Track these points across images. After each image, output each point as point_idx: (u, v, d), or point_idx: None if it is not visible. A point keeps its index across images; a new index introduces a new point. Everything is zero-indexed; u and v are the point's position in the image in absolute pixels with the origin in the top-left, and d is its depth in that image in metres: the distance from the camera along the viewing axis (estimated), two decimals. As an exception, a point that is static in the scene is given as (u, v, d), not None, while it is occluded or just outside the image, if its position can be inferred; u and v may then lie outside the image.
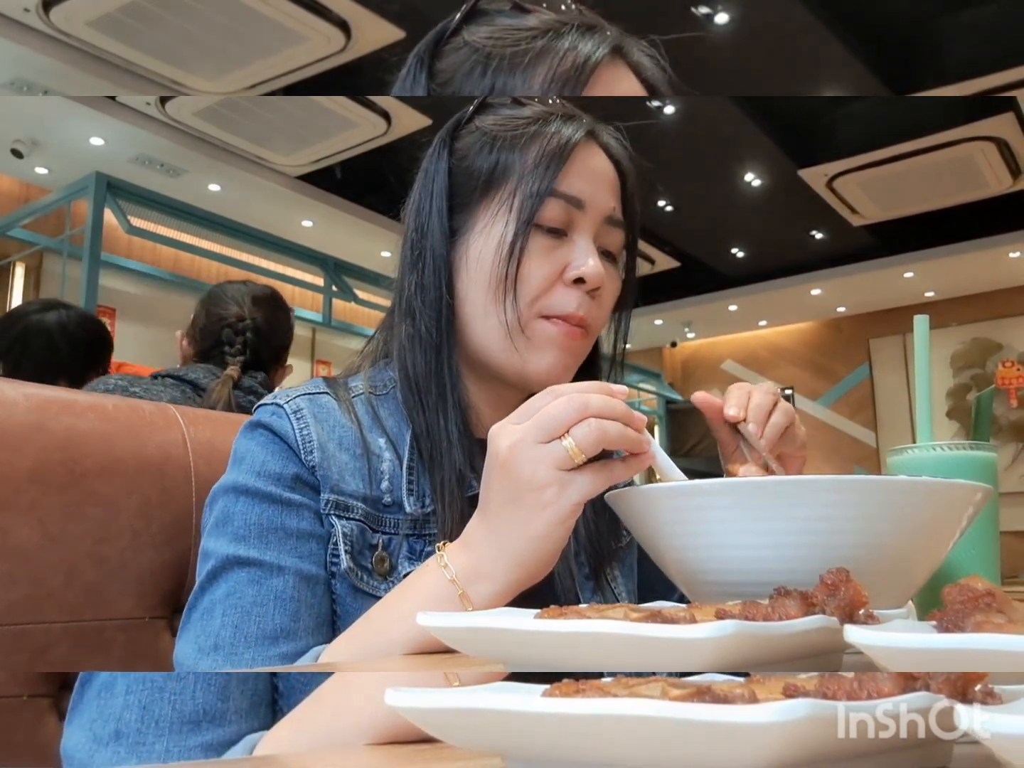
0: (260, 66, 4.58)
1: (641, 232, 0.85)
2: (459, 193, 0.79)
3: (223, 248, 5.80)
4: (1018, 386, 7.88)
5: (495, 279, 0.75)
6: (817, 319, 9.05)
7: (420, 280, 0.79)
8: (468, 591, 0.61)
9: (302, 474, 0.72)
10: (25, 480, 0.77)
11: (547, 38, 0.81)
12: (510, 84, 0.81)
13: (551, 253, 0.76)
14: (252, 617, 0.65)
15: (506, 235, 0.75)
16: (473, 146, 0.79)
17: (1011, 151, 5.60)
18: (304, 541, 0.70)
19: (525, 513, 0.59)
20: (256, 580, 0.67)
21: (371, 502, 0.73)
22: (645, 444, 0.62)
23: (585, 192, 0.76)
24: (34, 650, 0.77)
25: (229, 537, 0.69)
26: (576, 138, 0.76)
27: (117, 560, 0.82)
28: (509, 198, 0.76)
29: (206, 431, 0.92)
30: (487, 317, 0.76)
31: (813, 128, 5.57)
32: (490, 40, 0.82)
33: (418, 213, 0.81)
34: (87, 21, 4.19)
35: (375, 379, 0.82)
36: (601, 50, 0.80)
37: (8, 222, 4.96)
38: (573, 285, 0.76)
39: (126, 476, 0.84)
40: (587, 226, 0.77)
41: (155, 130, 5.13)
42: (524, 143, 0.77)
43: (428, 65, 0.86)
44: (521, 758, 0.33)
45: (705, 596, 0.58)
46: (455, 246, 0.79)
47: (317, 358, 7.17)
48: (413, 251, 0.80)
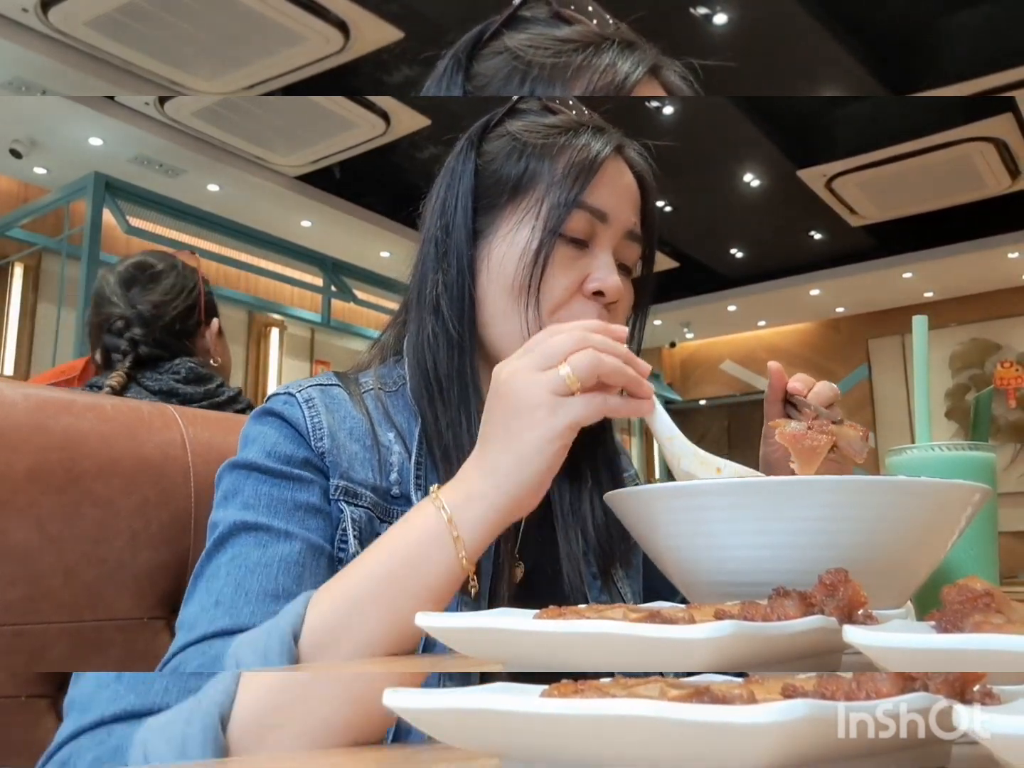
0: (259, 66, 4.58)
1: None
2: (485, 195, 0.80)
3: (222, 248, 5.80)
4: (1016, 386, 7.89)
5: (517, 285, 0.76)
6: (816, 319, 9.06)
7: (445, 278, 0.79)
8: (457, 517, 0.61)
9: (312, 458, 0.72)
10: (23, 480, 0.77)
11: (588, 53, 0.82)
12: (548, 95, 0.82)
13: (572, 264, 0.77)
14: (255, 576, 0.66)
15: (531, 242, 0.76)
16: (502, 150, 0.80)
17: (1010, 152, 5.60)
18: (312, 515, 0.70)
19: (515, 432, 0.61)
20: (263, 544, 0.67)
21: (380, 492, 0.74)
22: (647, 388, 0.64)
23: (609, 206, 0.77)
24: (32, 650, 0.77)
25: (238, 506, 0.70)
26: (606, 153, 0.77)
27: (115, 560, 0.82)
28: (536, 205, 0.77)
29: (205, 431, 0.92)
30: (506, 321, 0.77)
31: (812, 129, 5.57)
32: (531, 48, 0.83)
33: (443, 212, 0.81)
34: (85, 21, 4.19)
35: (385, 376, 0.82)
36: (640, 69, 0.82)
37: (7, 222, 4.97)
38: (592, 297, 0.77)
39: (124, 476, 0.84)
40: (608, 239, 0.78)
41: (154, 130, 5.13)
42: (554, 153, 0.77)
43: (465, 67, 0.86)
44: (519, 759, 0.33)
45: (704, 596, 0.58)
46: (476, 248, 0.79)
47: (316, 358, 7.17)
48: (438, 249, 0.80)
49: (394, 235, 6.14)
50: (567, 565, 0.79)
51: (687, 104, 5.10)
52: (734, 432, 9.27)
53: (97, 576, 0.80)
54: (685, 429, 0.70)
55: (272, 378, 6.72)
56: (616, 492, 0.61)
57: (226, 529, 0.68)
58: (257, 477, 0.71)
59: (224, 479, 0.73)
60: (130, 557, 0.83)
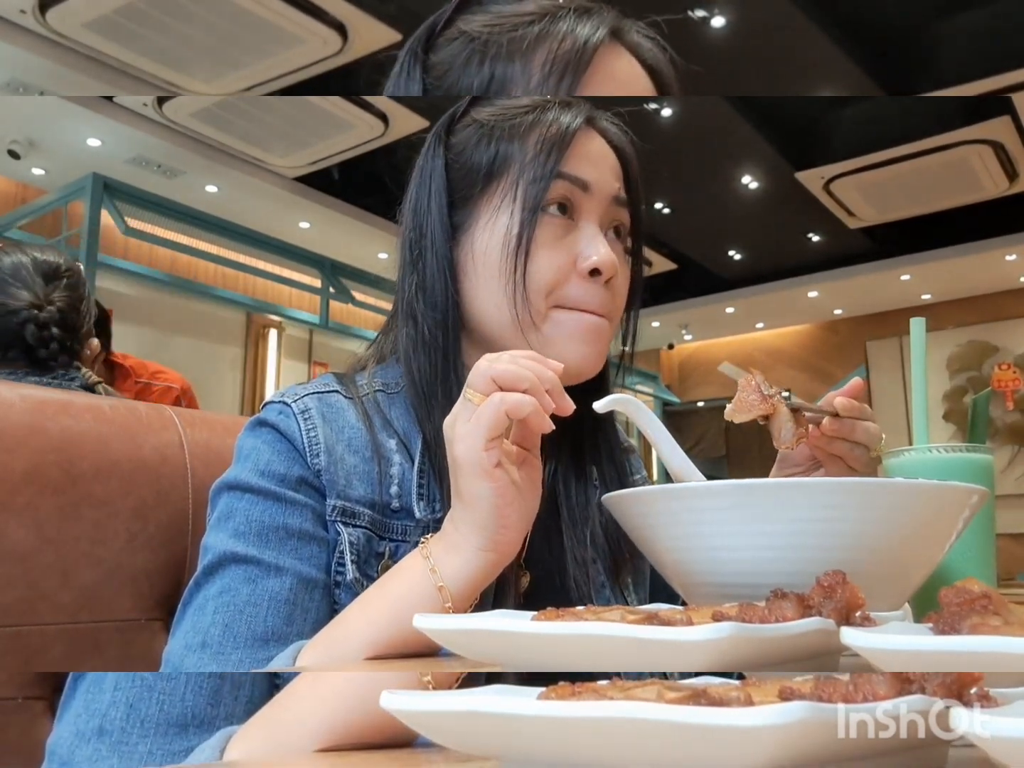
0: (257, 68, 4.58)
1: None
2: (458, 188, 0.77)
3: (220, 249, 5.81)
4: (1014, 389, 7.89)
5: (505, 273, 0.73)
6: (814, 321, 9.07)
7: (421, 281, 0.76)
8: (441, 569, 0.60)
9: (307, 476, 0.70)
10: (21, 481, 0.77)
11: (544, 22, 0.79)
12: (509, 71, 0.79)
13: (560, 241, 0.74)
14: (244, 617, 0.64)
15: (512, 225, 0.73)
16: (470, 139, 0.77)
17: (1007, 154, 5.61)
18: (305, 543, 0.68)
19: (455, 473, 0.60)
20: (252, 578, 0.65)
21: (379, 508, 0.71)
22: (548, 402, 0.60)
23: (589, 174, 0.75)
24: (29, 652, 0.76)
25: (229, 533, 0.67)
26: (576, 124, 0.75)
27: (113, 562, 0.81)
28: (512, 188, 0.74)
29: (203, 433, 0.92)
30: (501, 313, 0.74)
31: (810, 131, 5.58)
32: (486, 28, 0.81)
33: (416, 212, 0.78)
34: (83, 23, 4.19)
35: (385, 376, 0.80)
36: (600, 31, 0.79)
37: (5, 223, 4.96)
38: (588, 278, 0.74)
39: (122, 478, 0.83)
40: (594, 209, 0.75)
41: (152, 131, 5.13)
42: (523, 132, 0.75)
43: (422, 60, 0.84)
44: (517, 761, 0.33)
45: (702, 598, 0.58)
46: (458, 244, 0.77)
47: (314, 359, 7.17)
48: (412, 251, 0.78)
49: (393, 236, 6.08)
50: (575, 571, 0.77)
51: (685, 106, 5.11)
52: (732, 434, 9.28)
53: (95, 577, 0.80)
54: (683, 431, 0.70)
55: (270, 379, 6.72)
56: (613, 494, 0.61)
57: (215, 559, 0.67)
58: (250, 500, 0.69)
59: (220, 499, 0.71)
60: (128, 558, 0.82)
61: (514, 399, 0.58)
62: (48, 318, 1.57)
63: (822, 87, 5.06)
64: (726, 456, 9.34)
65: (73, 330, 1.61)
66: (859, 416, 0.71)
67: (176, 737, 0.60)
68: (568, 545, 0.78)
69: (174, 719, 0.60)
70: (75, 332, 1.62)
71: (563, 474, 0.81)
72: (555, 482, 0.80)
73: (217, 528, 0.69)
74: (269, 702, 0.59)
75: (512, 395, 0.59)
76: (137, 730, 0.60)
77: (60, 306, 1.59)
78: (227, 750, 0.57)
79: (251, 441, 0.73)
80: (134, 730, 0.60)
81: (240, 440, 0.74)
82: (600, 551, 0.80)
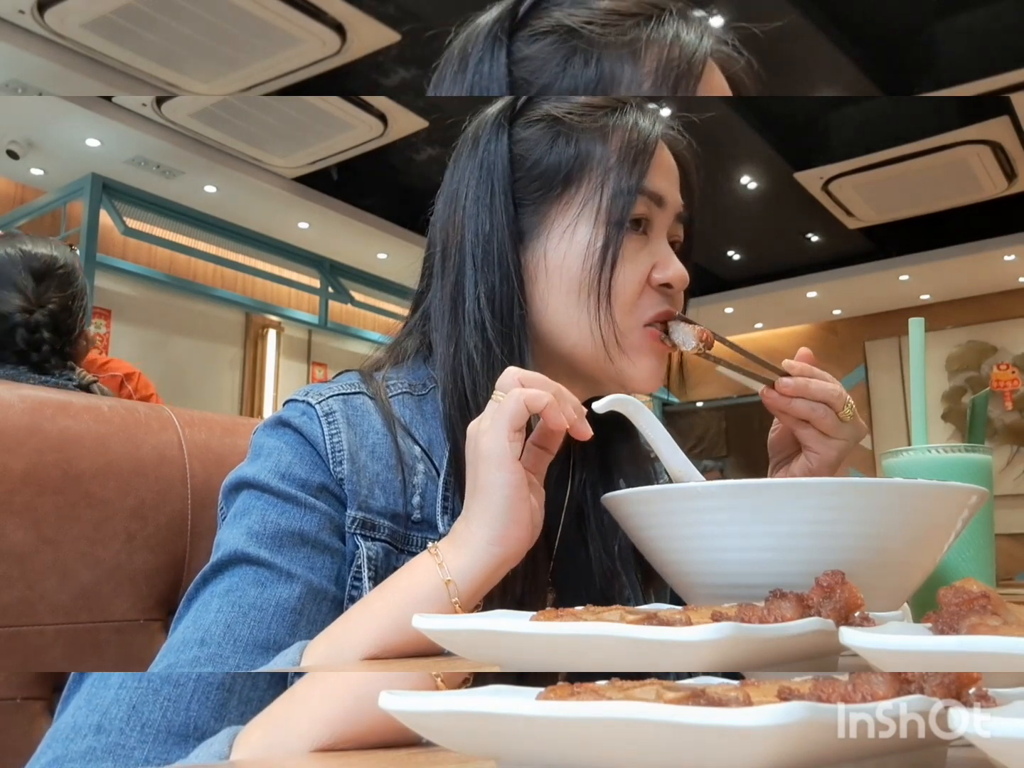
0: (256, 68, 4.58)
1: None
2: (527, 189, 0.73)
3: (219, 250, 5.81)
4: (1013, 389, 7.89)
5: (585, 287, 0.70)
6: (813, 322, 9.06)
7: (487, 289, 0.71)
8: (448, 564, 0.59)
9: (328, 484, 0.67)
10: (19, 482, 0.77)
11: (652, 25, 0.74)
12: (618, 74, 0.73)
13: (637, 255, 0.72)
14: (247, 620, 0.62)
15: (596, 238, 0.70)
16: (543, 136, 0.73)
17: (1006, 155, 5.61)
18: (319, 552, 0.66)
19: (475, 468, 0.61)
20: (261, 582, 0.63)
21: (400, 519, 0.69)
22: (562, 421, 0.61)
23: (665, 190, 0.73)
24: (28, 652, 0.76)
25: (243, 531, 0.65)
26: (656, 131, 0.72)
27: (112, 562, 0.81)
28: (595, 196, 0.70)
29: (201, 433, 0.92)
30: (580, 328, 0.71)
31: (809, 131, 5.58)
32: (587, 25, 0.74)
33: (476, 211, 0.72)
34: (82, 23, 4.19)
35: (413, 376, 0.76)
36: (704, 41, 0.75)
37: (3, 223, 4.97)
38: (659, 289, 0.73)
39: (121, 478, 0.83)
40: (664, 224, 0.74)
41: (151, 131, 5.12)
42: (607, 135, 0.71)
43: (507, 47, 0.76)
44: (515, 761, 0.33)
45: (701, 599, 0.58)
46: (528, 249, 0.73)
47: (313, 360, 7.17)
48: (475, 256, 0.72)
49: (392, 237, 6.14)
50: (602, 583, 0.76)
51: (684, 106, 5.10)
52: (732, 434, 9.28)
53: (93, 578, 0.80)
54: (682, 431, 0.70)
55: (269, 380, 6.72)
56: (613, 494, 0.61)
57: (226, 556, 0.64)
58: (267, 500, 0.66)
59: (236, 497, 0.68)
60: (126, 559, 0.82)
61: (532, 392, 0.60)
62: (39, 322, 1.54)
63: (821, 87, 5.06)
64: (727, 455, 9.35)
65: (65, 332, 1.59)
66: (809, 374, 0.73)
67: (175, 747, 0.57)
68: (595, 557, 0.77)
69: (176, 727, 0.58)
70: (67, 334, 1.60)
71: (590, 486, 0.79)
72: (582, 494, 0.79)
73: (232, 525, 0.67)
74: (271, 703, 0.58)
75: (531, 389, 0.60)
76: (136, 734, 0.57)
77: (52, 308, 1.56)
78: (233, 748, 0.56)
79: (272, 441, 0.70)
80: (133, 733, 0.57)
81: (259, 436, 0.71)
82: (627, 564, 0.78)
